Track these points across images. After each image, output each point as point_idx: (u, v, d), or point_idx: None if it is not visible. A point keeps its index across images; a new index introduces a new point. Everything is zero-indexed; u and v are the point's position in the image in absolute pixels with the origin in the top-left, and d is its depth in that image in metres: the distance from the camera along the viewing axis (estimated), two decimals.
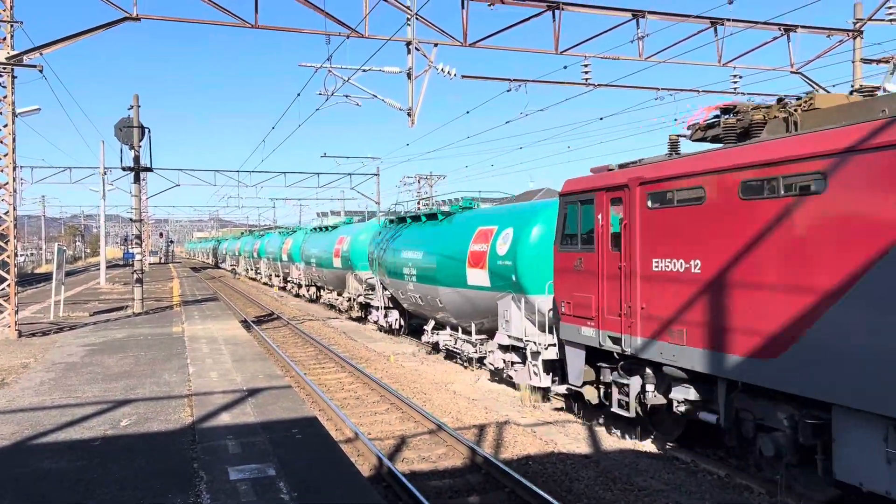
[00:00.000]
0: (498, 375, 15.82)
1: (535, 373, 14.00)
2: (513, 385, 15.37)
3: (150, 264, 76.33)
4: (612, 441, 11.44)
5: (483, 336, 17.14)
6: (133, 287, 23.98)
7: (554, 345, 13.39)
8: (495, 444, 11.27)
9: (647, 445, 11.29)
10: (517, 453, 10.70)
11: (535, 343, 13.85)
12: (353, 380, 16.94)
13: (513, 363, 14.96)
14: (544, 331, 13.79)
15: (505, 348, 15.09)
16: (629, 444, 11.32)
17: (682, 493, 9.04)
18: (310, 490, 6.39)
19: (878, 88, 21.29)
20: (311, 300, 38.09)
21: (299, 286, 40.64)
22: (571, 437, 11.57)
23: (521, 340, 14.36)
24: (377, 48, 17.20)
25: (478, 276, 15.98)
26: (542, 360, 13.65)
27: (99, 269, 45.22)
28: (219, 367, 12.69)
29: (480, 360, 17.23)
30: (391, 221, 23.34)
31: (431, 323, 20.79)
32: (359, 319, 28.17)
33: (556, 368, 13.63)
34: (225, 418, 8.98)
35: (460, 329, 18.43)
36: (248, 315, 31.08)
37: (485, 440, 11.48)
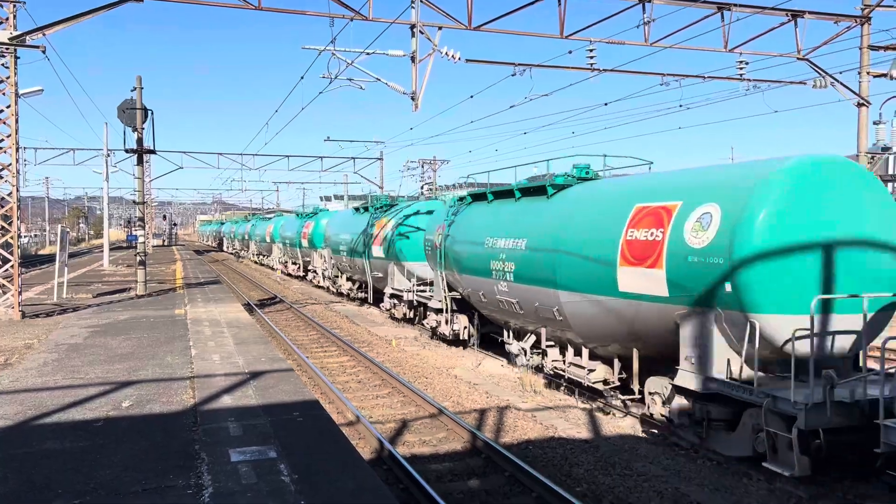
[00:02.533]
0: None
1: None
2: (510, 364, 15.38)
3: (153, 247, 76.49)
4: (612, 426, 11.48)
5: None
6: (136, 269, 24.04)
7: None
8: (496, 428, 11.32)
9: (648, 431, 11.33)
10: (517, 437, 10.75)
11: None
12: (354, 363, 17.00)
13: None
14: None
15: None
16: (629, 429, 11.36)
17: (681, 478, 9.08)
18: (311, 472, 6.43)
19: (886, 75, 21.12)
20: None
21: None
22: (572, 422, 11.61)
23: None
24: (381, 31, 17.16)
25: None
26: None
27: (102, 251, 45.33)
28: (221, 350, 12.74)
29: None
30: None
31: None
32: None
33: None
34: (226, 400, 9.02)
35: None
36: (251, 298, 31.16)
37: (485, 424, 11.53)
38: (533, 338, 14.77)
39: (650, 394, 10.82)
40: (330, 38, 17.71)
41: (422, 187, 46.67)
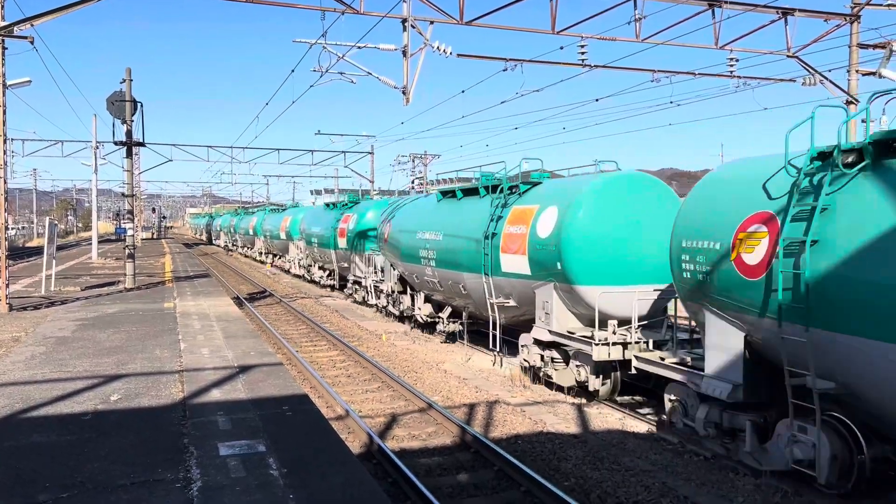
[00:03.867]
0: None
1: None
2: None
3: (142, 240, 76.07)
4: (600, 421, 11.54)
5: None
6: (125, 262, 23.91)
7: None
8: (485, 422, 11.36)
9: (636, 426, 11.40)
10: (506, 432, 10.78)
11: None
12: (344, 358, 17.00)
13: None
14: None
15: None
16: (617, 424, 11.43)
17: (668, 473, 9.14)
18: (300, 466, 6.44)
19: (875, 73, 21.25)
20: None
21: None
22: (560, 417, 11.66)
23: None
24: (372, 25, 17.05)
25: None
26: None
27: (91, 243, 45.06)
28: (210, 344, 12.71)
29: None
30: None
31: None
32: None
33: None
34: (216, 394, 9.00)
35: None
36: (241, 292, 31.07)
37: (475, 419, 11.57)
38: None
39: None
40: (321, 32, 17.64)
41: (412, 181, 46.60)
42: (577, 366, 12.92)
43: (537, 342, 13.80)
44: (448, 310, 19.02)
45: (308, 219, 35.73)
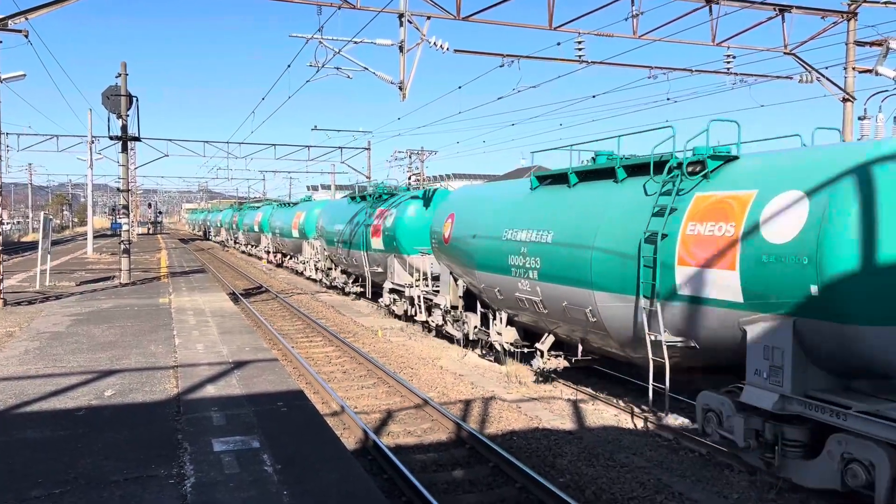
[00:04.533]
0: None
1: None
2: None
3: (137, 235, 75.92)
4: (595, 418, 11.54)
5: None
6: (120, 257, 23.84)
7: None
8: (480, 419, 11.35)
9: (631, 423, 11.40)
10: (502, 428, 10.78)
11: None
12: (340, 354, 16.98)
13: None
14: None
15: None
16: (613, 420, 11.43)
17: (663, 469, 9.14)
18: (294, 463, 6.42)
19: (871, 71, 21.30)
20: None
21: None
22: (556, 414, 11.66)
23: None
24: (369, 20, 17.01)
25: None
26: None
27: (86, 238, 44.94)
28: (205, 339, 12.68)
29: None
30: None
31: None
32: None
33: None
34: (210, 390, 8.98)
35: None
36: (237, 288, 31.02)
37: (470, 415, 11.56)
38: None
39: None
40: (317, 27, 17.59)
41: (409, 178, 46.54)
42: (848, 460, 7.50)
43: (751, 412, 8.57)
44: (550, 339, 13.45)
45: (327, 214, 30.92)
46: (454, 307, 17.23)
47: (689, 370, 10.53)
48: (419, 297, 19.54)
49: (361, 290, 26.87)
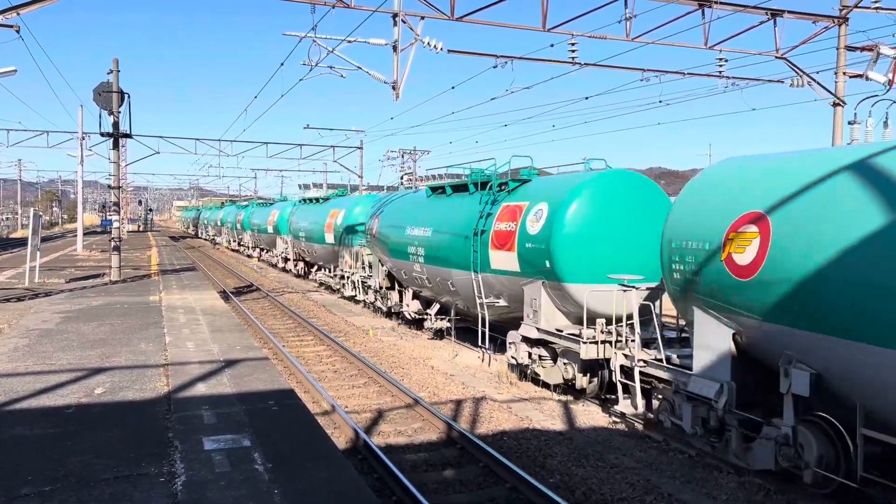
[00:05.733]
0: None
1: None
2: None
3: (128, 232, 75.56)
4: (586, 418, 11.58)
5: None
6: (110, 255, 23.73)
7: None
8: (471, 419, 11.37)
9: (621, 424, 11.44)
10: (492, 429, 10.80)
11: None
12: (331, 353, 16.96)
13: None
14: None
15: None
16: (603, 421, 11.47)
17: (653, 470, 9.19)
18: (285, 461, 6.42)
19: (862, 76, 21.42)
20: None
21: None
22: (546, 414, 11.70)
23: None
24: (363, 19, 17.00)
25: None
26: None
27: (76, 235, 44.66)
28: (196, 338, 12.64)
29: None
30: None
31: None
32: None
33: None
34: (201, 388, 8.96)
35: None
36: (227, 286, 30.94)
37: (461, 415, 11.58)
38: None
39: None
40: (311, 25, 17.57)
41: (402, 177, 46.48)
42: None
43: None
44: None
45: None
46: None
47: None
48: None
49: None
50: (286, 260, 38.49)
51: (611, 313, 11.98)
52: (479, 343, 15.59)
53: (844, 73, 21.11)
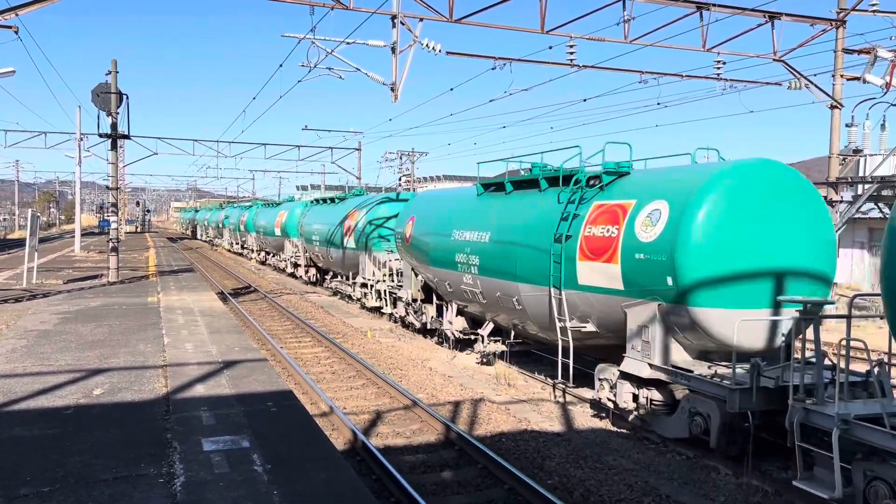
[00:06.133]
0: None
1: None
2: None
3: (125, 233, 75.49)
4: (584, 420, 11.60)
5: None
6: (108, 255, 23.71)
7: None
8: (469, 420, 11.38)
9: (619, 425, 11.46)
10: (491, 430, 10.81)
11: None
12: (329, 354, 16.96)
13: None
14: None
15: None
16: (601, 423, 11.49)
17: (650, 472, 9.21)
18: (283, 462, 6.42)
19: (859, 79, 21.48)
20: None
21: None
22: (545, 416, 11.71)
23: None
24: (362, 21, 17.03)
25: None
26: None
27: (74, 236, 44.63)
28: (194, 339, 12.64)
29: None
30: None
31: None
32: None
33: None
34: (199, 390, 8.96)
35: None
36: (225, 287, 30.93)
37: (459, 417, 11.59)
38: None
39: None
40: (310, 27, 17.59)
41: (400, 179, 46.52)
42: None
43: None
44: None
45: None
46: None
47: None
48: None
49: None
50: (296, 265, 35.63)
51: (763, 348, 9.60)
52: (560, 377, 12.26)
53: (842, 76, 21.17)
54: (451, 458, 9.67)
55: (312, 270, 33.16)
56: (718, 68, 20.23)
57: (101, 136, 23.90)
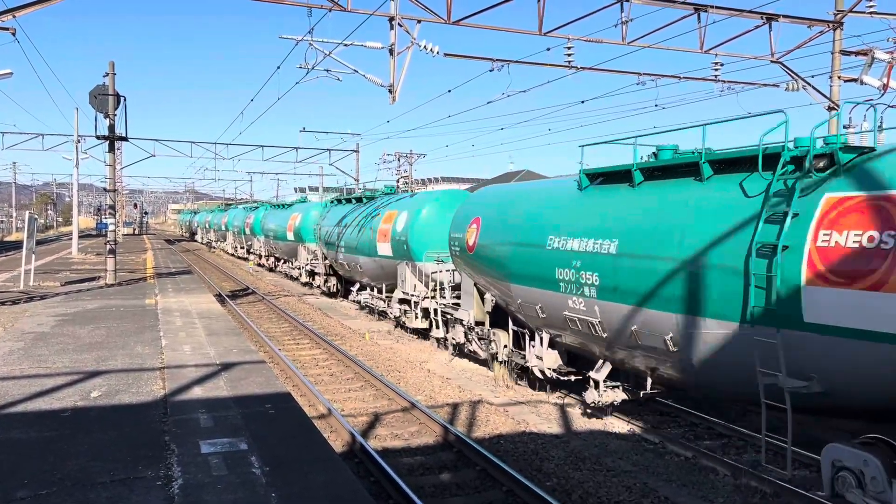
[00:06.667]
0: None
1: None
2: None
3: (123, 235, 75.40)
4: (582, 422, 11.59)
5: None
6: (106, 258, 23.68)
7: None
8: (468, 422, 11.37)
9: (618, 427, 11.45)
10: (489, 432, 10.80)
11: None
12: (327, 356, 16.94)
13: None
14: None
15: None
16: (599, 425, 11.47)
17: (649, 473, 9.20)
18: (282, 465, 6.41)
19: (857, 80, 21.52)
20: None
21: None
22: (543, 417, 11.70)
23: None
24: (359, 23, 16.99)
25: None
26: None
27: (71, 238, 44.54)
28: (192, 341, 12.62)
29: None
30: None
31: None
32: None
33: None
34: (197, 392, 8.94)
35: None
36: (223, 289, 30.89)
37: (457, 419, 11.57)
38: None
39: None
40: (308, 29, 17.59)
41: (398, 180, 46.48)
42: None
43: None
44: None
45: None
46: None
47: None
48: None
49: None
50: (313, 274, 31.14)
51: None
52: (762, 461, 8.22)
53: (839, 78, 21.20)
54: (450, 459, 9.65)
55: (333, 280, 29.00)
56: (716, 70, 20.23)
57: (98, 138, 23.88)
